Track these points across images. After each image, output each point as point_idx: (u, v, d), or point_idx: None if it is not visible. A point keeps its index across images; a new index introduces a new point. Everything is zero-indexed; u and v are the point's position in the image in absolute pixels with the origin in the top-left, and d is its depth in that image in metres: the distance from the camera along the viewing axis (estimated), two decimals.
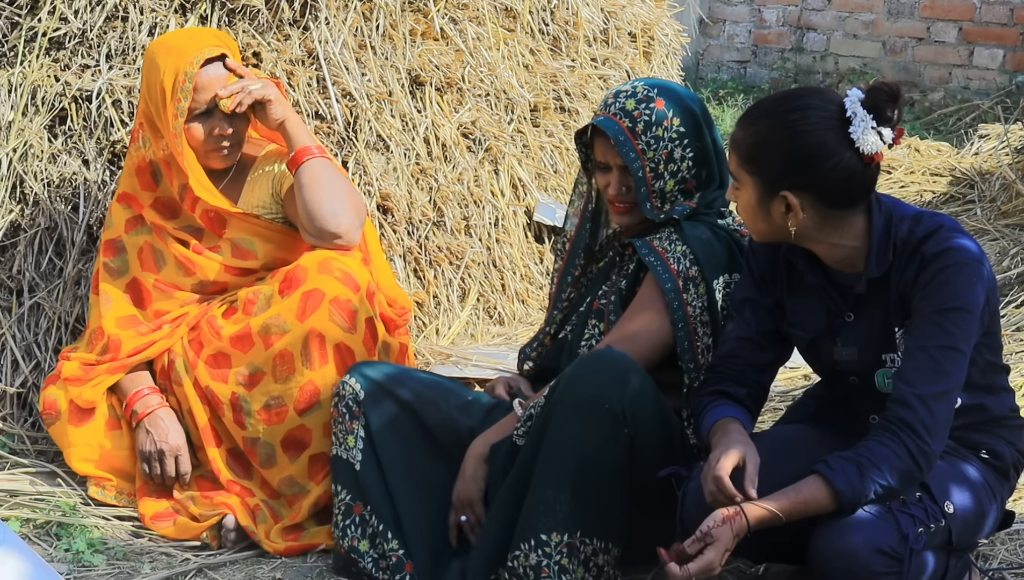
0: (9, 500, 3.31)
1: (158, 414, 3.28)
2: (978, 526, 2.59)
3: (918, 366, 2.44)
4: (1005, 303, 4.50)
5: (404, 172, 4.11)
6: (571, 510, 2.65)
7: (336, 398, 3.01)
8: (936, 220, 2.53)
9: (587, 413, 2.63)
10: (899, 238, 2.52)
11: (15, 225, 3.78)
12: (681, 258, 2.83)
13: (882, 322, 2.55)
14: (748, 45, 9.16)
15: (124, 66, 3.85)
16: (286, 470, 3.15)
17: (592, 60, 5.02)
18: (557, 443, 2.65)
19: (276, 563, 3.09)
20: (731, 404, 2.68)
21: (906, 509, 2.44)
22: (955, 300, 2.44)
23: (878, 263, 2.53)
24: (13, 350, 3.69)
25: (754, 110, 2.57)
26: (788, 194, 2.49)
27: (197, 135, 3.25)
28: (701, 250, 2.83)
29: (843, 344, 2.60)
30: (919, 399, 2.42)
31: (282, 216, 3.36)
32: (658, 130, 2.85)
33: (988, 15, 8.22)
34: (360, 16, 4.11)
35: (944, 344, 2.43)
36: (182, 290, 3.34)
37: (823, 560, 2.42)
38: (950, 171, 6.10)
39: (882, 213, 2.54)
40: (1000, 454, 2.63)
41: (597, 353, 2.72)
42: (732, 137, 2.57)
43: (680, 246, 2.84)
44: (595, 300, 2.98)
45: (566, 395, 2.65)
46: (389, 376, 3.01)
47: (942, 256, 2.46)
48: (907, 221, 2.53)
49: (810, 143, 2.47)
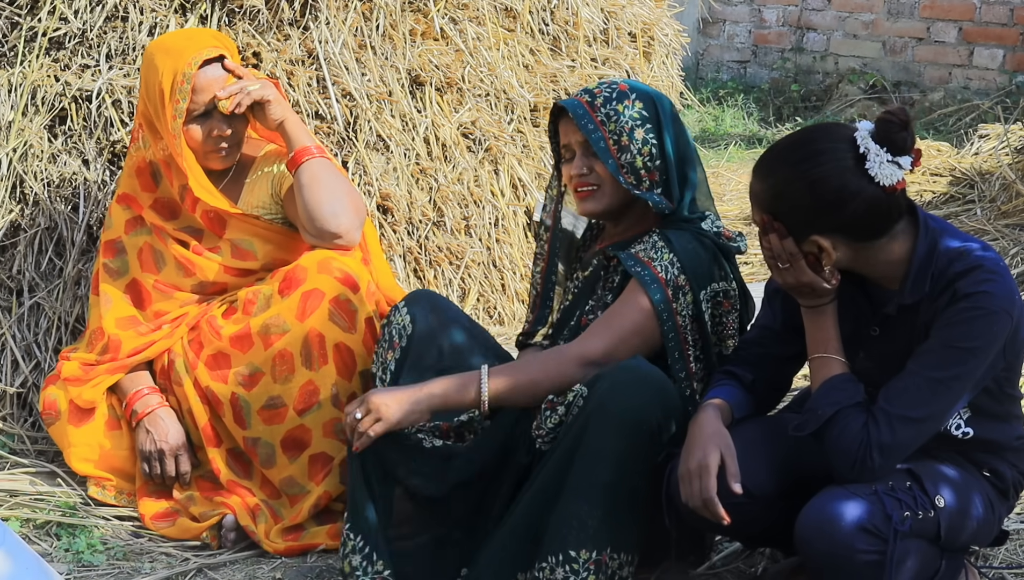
0: (9, 500, 3.31)
1: (158, 413, 3.28)
2: (972, 530, 2.59)
3: (902, 386, 2.46)
4: None
5: (404, 172, 4.11)
6: (602, 526, 2.64)
7: (385, 323, 3.00)
8: (977, 258, 2.49)
9: (628, 430, 2.60)
10: (937, 269, 2.50)
11: (15, 225, 3.79)
12: (669, 266, 2.78)
13: (905, 344, 2.55)
14: (748, 45, 9.16)
15: (124, 66, 3.86)
16: (286, 470, 3.16)
17: (592, 60, 5.02)
18: (595, 458, 2.62)
19: (276, 563, 3.09)
20: (729, 385, 2.70)
21: (893, 492, 2.46)
22: (965, 341, 2.44)
23: (912, 292, 2.52)
24: (13, 350, 3.69)
25: (767, 160, 2.54)
26: (818, 238, 2.49)
27: (196, 136, 3.25)
28: (688, 260, 2.79)
29: (866, 357, 2.60)
30: (886, 416, 2.44)
31: (282, 216, 3.36)
32: (618, 105, 2.83)
33: (988, 15, 8.22)
34: (360, 16, 4.11)
35: (936, 376, 2.44)
36: (182, 291, 3.34)
37: (807, 538, 2.43)
38: (950, 171, 6.10)
39: (927, 240, 2.52)
40: (1001, 474, 2.64)
41: (634, 367, 2.66)
42: (750, 188, 2.56)
43: (667, 254, 2.79)
44: (583, 314, 2.94)
45: (606, 410, 2.61)
46: (440, 319, 2.99)
47: (972, 298, 2.44)
48: (950, 254, 2.51)
49: (830, 189, 2.45)
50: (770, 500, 2.59)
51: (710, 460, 2.51)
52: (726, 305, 2.84)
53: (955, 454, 2.60)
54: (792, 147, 2.53)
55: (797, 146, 2.52)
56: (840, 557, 2.40)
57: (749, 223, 5.60)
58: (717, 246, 2.84)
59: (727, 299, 2.84)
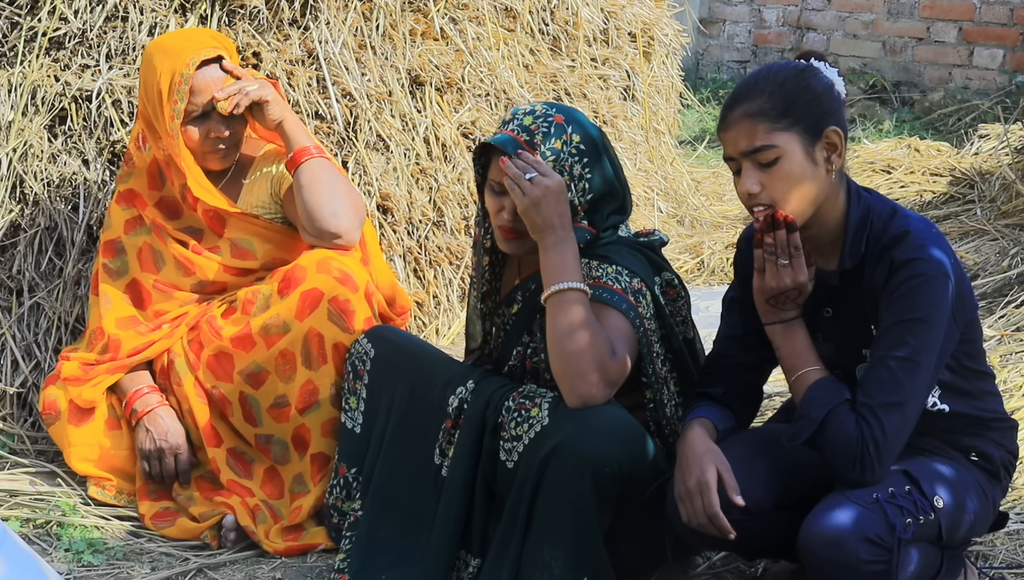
0: (9, 500, 3.31)
1: (158, 412, 3.28)
2: (970, 524, 2.60)
3: (874, 377, 2.47)
4: (1005, 303, 4.50)
5: (404, 172, 4.11)
6: (567, 566, 2.63)
7: (348, 355, 3.02)
8: (907, 223, 2.52)
9: (589, 474, 2.58)
10: (872, 234, 2.54)
11: (15, 225, 3.79)
12: (617, 277, 2.71)
13: (859, 317, 2.57)
14: (748, 45, 9.16)
15: (124, 66, 3.85)
16: (297, 467, 3.17)
17: (592, 60, 5.03)
18: (555, 500, 2.62)
19: (276, 563, 3.09)
20: (708, 404, 2.69)
21: (894, 500, 2.45)
22: (915, 311, 2.45)
23: (851, 254, 2.54)
24: (13, 350, 3.69)
25: (753, 82, 2.52)
26: (833, 129, 2.49)
27: (194, 137, 3.25)
28: (630, 263, 2.74)
29: (824, 339, 2.61)
30: (871, 410, 2.44)
31: (281, 216, 3.36)
32: (556, 142, 2.71)
33: (988, 15, 8.22)
34: (360, 16, 4.11)
35: (901, 356, 2.45)
36: (181, 290, 3.35)
37: (810, 549, 2.42)
38: (950, 171, 6.10)
39: (860, 206, 2.56)
40: (989, 456, 2.64)
41: (601, 413, 2.62)
42: (744, 113, 2.49)
43: (609, 267, 2.72)
44: (526, 359, 2.86)
45: (567, 454, 2.59)
46: (399, 345, 3.00)
47: (908, 265, 2.46)
48: (882, 216, 2.55)
49: (820, 78, 2.51)
50: (768, 513, 2.59)
51: (708, 476, 2.51)
52: (671, 293, 2.81)
53: (941, 442, 2.60)
54: (768, 67, 2.55)
55: (764, 70, 2.54)
56: (845, 568, 2.40)
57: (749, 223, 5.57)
58: (642, 245, 2.81)
59: (671, 288, 2.82)
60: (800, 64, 2.55)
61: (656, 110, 5.62)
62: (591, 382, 2.60)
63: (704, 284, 5.06)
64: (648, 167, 5.44)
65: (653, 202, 5.31)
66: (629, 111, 5.34)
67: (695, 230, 5.63)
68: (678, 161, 6.01)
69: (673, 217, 5.55)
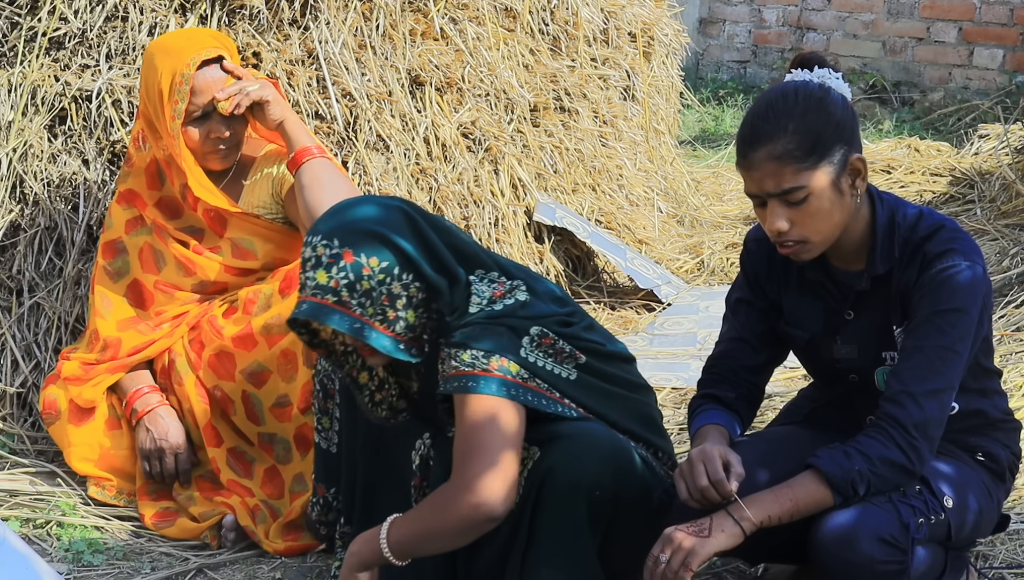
0: (9, 500, 3.31)
1: (158, 412, 3.28)
2: (975, 524, 2.60)
3: (912, 365, 2.45)
4: (1005, 303, 4.50)
5: (404, 172, 4.11)
6: None
7: (315, 373, 2.93)
8: (937, 219, 2.53)
9: (580, 498, 2.56)
10: (902, 235, 2.52)
11: (15, 225, 3.79)
12: (475, 361, 2.52)
13: (882, 320, 2.56)
14: (748, 45, 9.16)
15: (124, 66, 3.86)
16: (299, 466, 3.17)
17: (592, 60, 5.03)
18: (549, 524, 2.59)
19: (276, 563, 3.09)
20: (719, 409, 2.67)
21: (906, 499, 2.45)
22: (953, 301, 2.44)
23: (883, 259, 2.52)
24: (13, 350, 3.69)
25: (773, 118, 2.44)
26: (857, 157, 2.46)
27: (194, 137, 3.25)
28: (485, 340, 2.53)
29: (843, 342, 2.60)
30: (910, 397, 2.42)
31: (282, 216, 3.36)
32: (362, 282, 2.50)
33: (988, 15, 8.23)
34: (360, 16, 4.11)
35: (940, 344, 2.44)
36: (182, 290, 3.34)
37: (824, 549, 2.40)
38: (950, 171, 6.10)
39: (885, 209, 2.54)
40: (996, 456, 2.64)
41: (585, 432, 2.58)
42: (769, 156, 2.42)
43: (463, 353, 2.53)
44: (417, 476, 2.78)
45: (556, 478, 2.55)
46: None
47: (943, 257, 2.46)
48: (910, 218, 2.53)
49: (837, 99, 2.47)
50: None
51: (714, 451, 2.45)
52: (547, 341, 2.62)
53: (948, 442, 2.58)
54: (777, 96, 2.49)
55: (779, 94, 2.49)
56: (859, 568, 2.38)
57: (749, 223, 5.59)
58: (496, 310, 2.58)
59: (546, 337, 2.62)
60: (813, 88, 2.48)
61: (656, 110, 5.63)
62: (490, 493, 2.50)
63: (704, 284, 5.06)
64: (648, 167, 5.44)
65: (653, 202, 5.32)
66: (629, 111, 5.34)
67: (695, 230, 5.63)
68: (678, 161, 6.02)
69: (673, 217, 5.55)
